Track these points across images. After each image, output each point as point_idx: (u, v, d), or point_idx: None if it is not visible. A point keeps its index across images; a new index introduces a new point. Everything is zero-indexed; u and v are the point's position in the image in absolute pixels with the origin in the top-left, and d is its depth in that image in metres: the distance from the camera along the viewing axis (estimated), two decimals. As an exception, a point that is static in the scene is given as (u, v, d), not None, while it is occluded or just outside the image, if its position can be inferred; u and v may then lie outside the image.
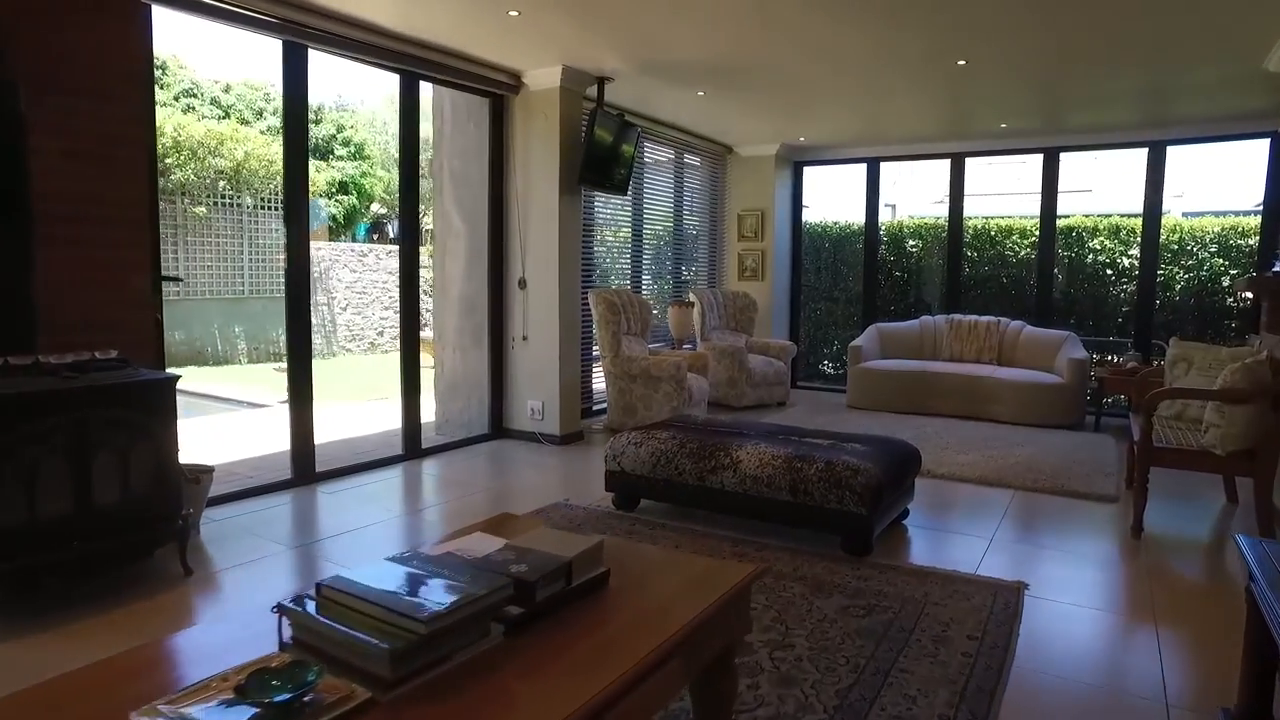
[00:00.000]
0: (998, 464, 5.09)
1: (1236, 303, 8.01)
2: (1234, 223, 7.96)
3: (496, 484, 4.74)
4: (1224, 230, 7.96)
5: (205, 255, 11.53)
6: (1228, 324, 8.02)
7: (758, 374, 7.24)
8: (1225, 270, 7.98)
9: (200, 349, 11.72)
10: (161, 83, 15.81)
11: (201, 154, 11.18)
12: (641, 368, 5.83)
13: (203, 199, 11.35)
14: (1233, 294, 7.96)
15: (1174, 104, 6.24)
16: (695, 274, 8.34)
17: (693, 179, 8.09)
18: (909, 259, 9.38)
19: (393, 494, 4.56)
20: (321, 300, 13.38)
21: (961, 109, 6.50)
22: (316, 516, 4.12)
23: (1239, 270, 7.92)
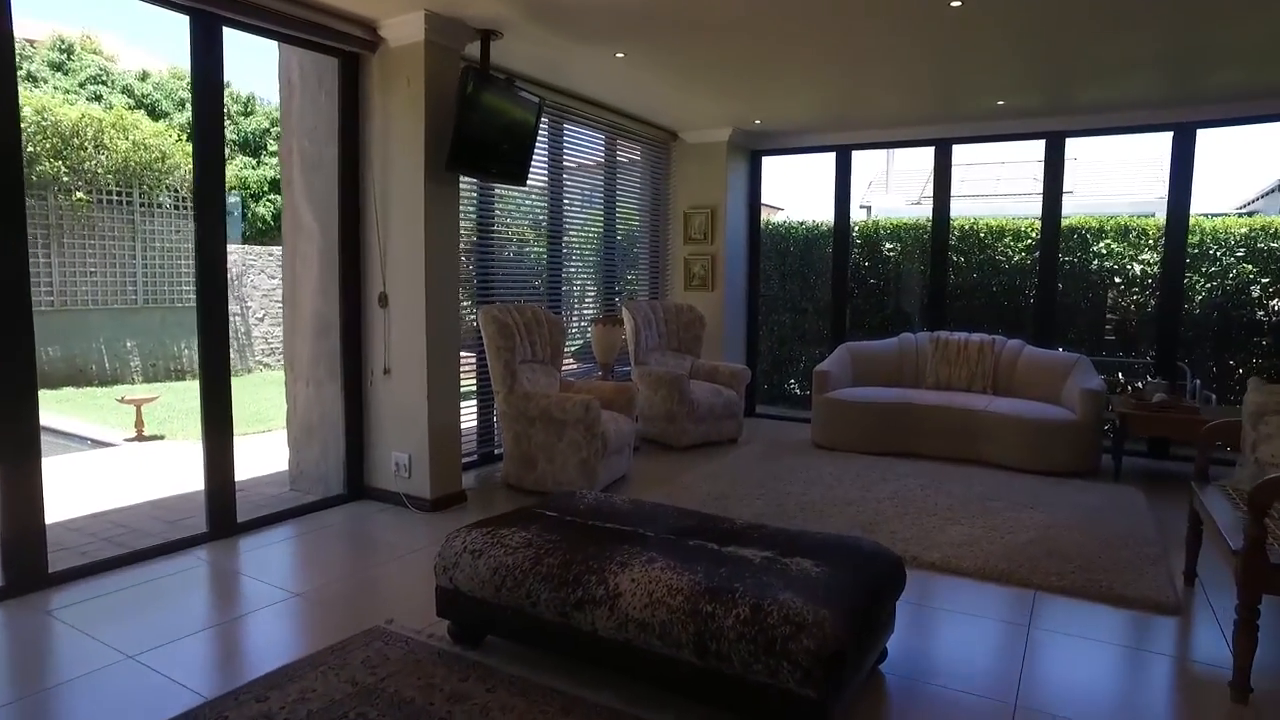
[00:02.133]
0: (1005, 542, 3.80)
1: (1269, 316, 6.83)
2: (1265, 222, 6.78)
3: (313, 584, 3.37)
4: (1252, 231, 6.78)
5: (89, 259, 10.06)
6: (1257, 341, 6.84)
7: (703, 406, 5.93)
8: (1254, 278, 6.79)
9: (82, 367, 10.23)
10: (65, 67, 14.30)
11: (77, 143, 9.70)
12: (540, 407, 4.49)
13: (84, 194, 9.86)
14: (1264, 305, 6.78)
15: (1209, 74, 5.00)
16: (635, 284, 7.02)
17: (629, 171, 6.77)
18: (885, 264, 8.14)
19: (113, 619, 3.11)
20: (235, 310, 11.93)
21: (950, 82, 5.23)
22: None
23: (1271, 278, 6.74)
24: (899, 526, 4.03)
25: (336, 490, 4.56)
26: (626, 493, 4.69)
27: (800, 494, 4.62)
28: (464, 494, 4.52)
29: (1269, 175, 11.91)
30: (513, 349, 4.59)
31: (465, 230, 5.13)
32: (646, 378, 5.99)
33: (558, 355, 5.17)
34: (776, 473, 5.13)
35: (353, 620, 2.95)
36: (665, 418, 5.90)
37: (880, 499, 4.54)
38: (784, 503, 4.43)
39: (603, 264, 6.50)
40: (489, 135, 4.29)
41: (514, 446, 4.64)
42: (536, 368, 4.99)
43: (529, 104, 4.59)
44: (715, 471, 5.14)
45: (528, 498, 4.52)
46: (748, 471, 5.16)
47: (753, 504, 4.40)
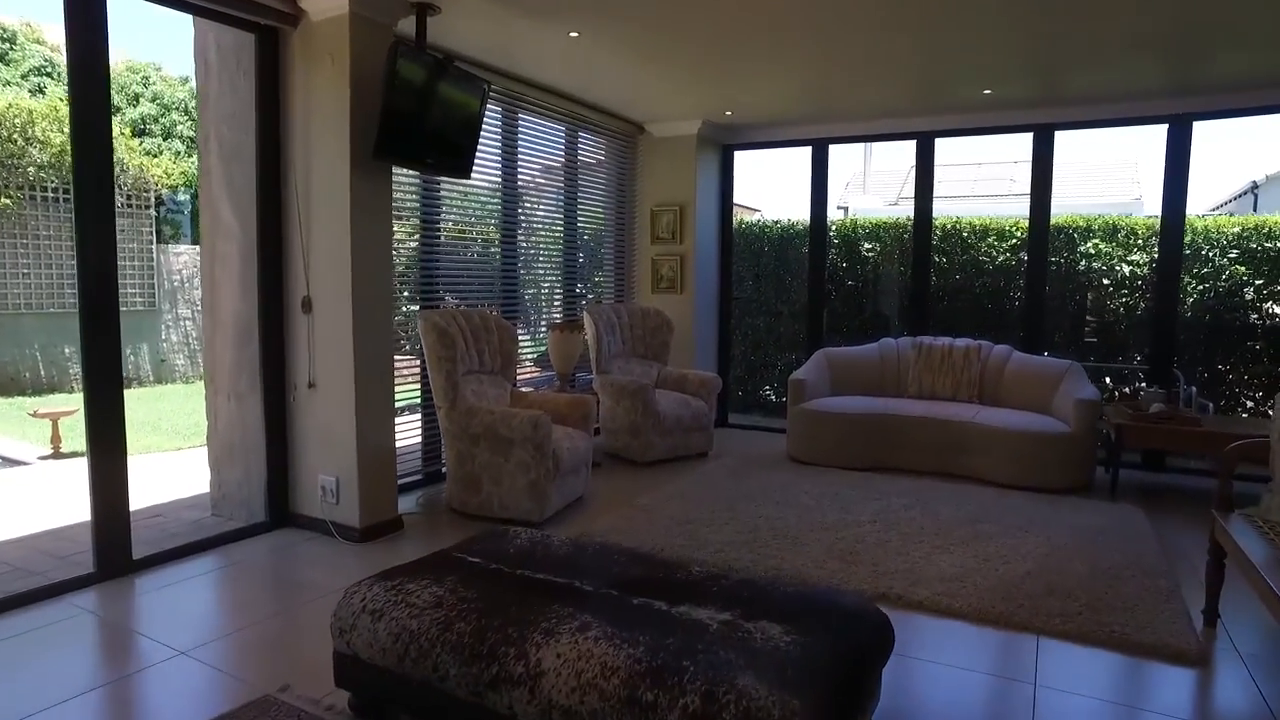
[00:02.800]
0: (1000, 575, 3.40)
1: (1262, 319, 6.52)
2: (1258, 221, 6.48)
3: (206, 637, 2.89)
4: (1245, 231, 6.48)
5: (19, 258, 9.44)
6: (1250, 345, 6.53)
7: (670, 418, 5.50)
8: (1248, 280, 6.49)
9: (14, 375, 9.61)
10: (7, 57, 13.61)
11: (4, 134, 9.08)
12: (484, 424, 4.04)
13: (9, 190, 9.24)
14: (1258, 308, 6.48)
15: (1208, 60, 4.66)
16: (600, 286, 6.58)
17: (592, 166, 6.33)
18: (863, 265, 7.76)
19: None
20: (185, 314, 11.35)
21: (934, 68, 4.84)
22: None
23: (1264, 280, 6.43)
24: (882, 556, 3.62)
25: (260, 517, 4.08)
26: (583, 517, 4.24)
27: (774, 517, 4.20)
28: (400, 521, 4.05)
29: (1241, 176, 11.68)
30: (455, 359, 4.13)
31: (408, 229, 4.67)
32: (609, 387, 5.55)
33: (509, 365, 4.72)
34: (749, 492, 4.71)
35: (243, 686, 2.48)
36: (629, 431, 5.46)
37: (861, 522, 4.13)
38: (757, 528, 4.01)
39: (564, 265, 6.05)
40: (424, 121, 3.83)
41: (457, 467, 4.18)
42: (484, 379, 4.53)
43: (471, 87, 4.13)
44: (682, 491, 4.71)
45: (471, 524, 4.06)
46: (718, 491, 4.73)
47: (722, 530, 3.97)
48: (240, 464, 4.25)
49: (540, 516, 4.03)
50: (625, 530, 3.94)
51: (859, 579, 3.34)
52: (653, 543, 3.74)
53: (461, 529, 4.01)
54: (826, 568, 3.46)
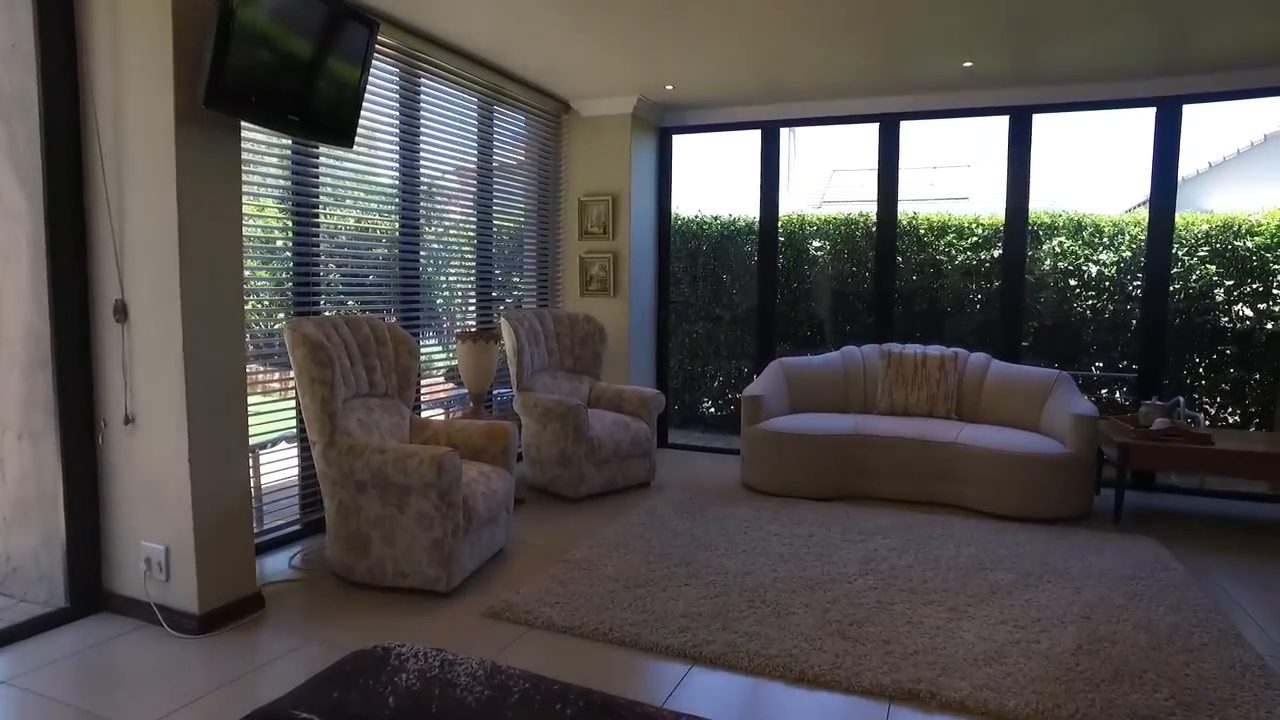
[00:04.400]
0: (1045, 652, 2.66)
1: (1234, 322, 6.12)
2: (1227, 219, 6.07)
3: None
4: (1215, 229, 6.07)
5: None
6: (1221, 349, 6.12)
7: (606, 444, 4.63)
8: (1218, 280, 6.07)
9: None
10: None
11: None
12: (373, 466, 3.07)
13: None
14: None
15: (1198, 35, 4.12)
16: (519, 289, 5.65)
17: (511, 147, 5.41)
18: (813, 265, 7.09)
19: None
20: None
21: (905, 37, 4.13)
22: None
23: (1235, 281, 6.03)
24: (890, 629, 2.84)
25: (62, 599, 3.00)
26: (503, 582, 3.32)
27: (744, 573, 3.38)
28: (260, 598, 3.04)
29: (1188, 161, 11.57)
30: (333, 381, 3.15)
31: (276, 215, 3.65)
32: (533, 408, 4.64)
33: (407, 386, 3.76)
34: (706, 536, 3.88)
35: None
36: (558, 460, 4.57)
37: (850, 575, 3.36)
38: (726, 591, 3.17)
39: (478, 263, 5.10)
40: (281, 58, 2.84)
41: (339, 521, 3.20)
42: (375, 405, 3.56)
43: (353, 25, 3.16)
44: (625, 538, 3.84)
45: (359, 598, 3.09)
46: (668, 536, 3.88)
47: (682, 595, 3.12)
48: (38, 527, 3.15)
49: (448, 585, 3.09)
50: (559, 601, 3.05)
51: (873, 668, 2.54)
52: (597, 621, 2.86)
53: (346, 605, 3.04)
54: (827, 650, 2.65)
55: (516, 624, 2.89)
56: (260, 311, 3.72)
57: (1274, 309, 5.99)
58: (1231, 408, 6.24)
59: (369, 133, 4.02)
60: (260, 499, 3.65)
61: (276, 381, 3.79)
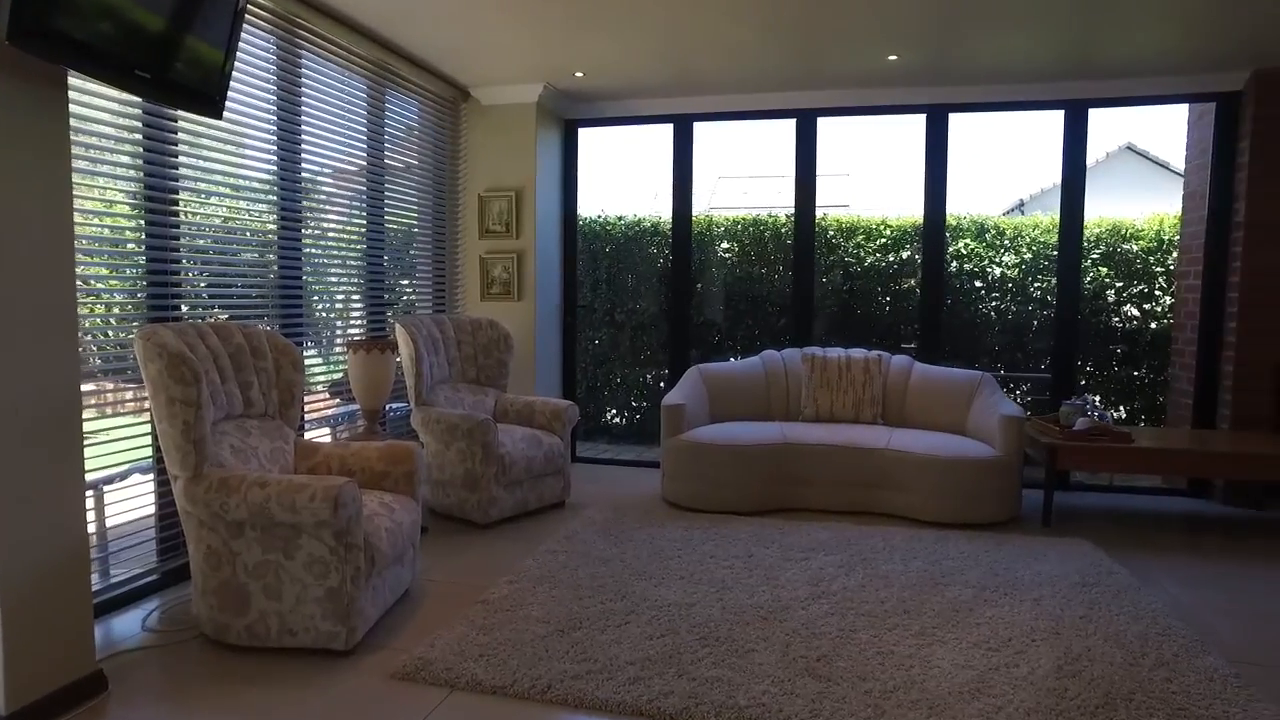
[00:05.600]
0: (1029, 679, 2.45)
1: (1124, 322, 6.33)
2: (1115, 223, 6.29)
3: None
4: (1107, 232, 6.27)
5: None
6: (1113, 349, 6.32)
7: (518, 462, 4.20)
8: (1109, 282, 6.28)
9: None
10: None
11: None
12: (253, 503, 2.53)
13: None
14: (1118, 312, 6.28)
15: (1101, 42, 4.17)
16: (413, 292, 5.12)
17: (403, 137, 4.88)
18: (721, 268, 6.89)
19: None
20: None
21: (831, 23, 3.93)
22: None
23: (1125, 283, 6.24)
24: (859, 661, 2.56)
25: None
26: (413, 634, 2.84)
27: (689, 605, 3.03)
28: (101, 678, 2.42)
29: (1037, 175, 12.23)
30: (198, 401, 2.59)
31: (127, 205, 3.03)
32: (435, 425, 4.14)
33: (291, 404, 3.20)
34: (639, 562, 3.52)
35: None
36: (465, 483, 4.09)
37: (802, 600, 3.08)
38: (674, 628, 2.81)
39: (367, 264, 4.55)
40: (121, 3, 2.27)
41: (208, 571, 2.63)
42: (252, 428, 3.00)
43: (217, -26, 2.61)
44: (548, 569, 3.42)
45: (237, 662, 2.54)
46: (596, 565, 3.49)
47: (625, 636, 2.74)
48: None
49: (348, 642, 2.59)
50: (483, 653, 2.60)
51: (855, 713, 2.24)
52: (532, 678, 2.44)
53: (219, 675, 2.48)
54: (801, 694, 2.34)
55: (434, 685, 2.42)
56: (107, 320, 3.08)
57: (1157, 310, 6.24)
58: (1120, 404, 6.46)
59: (239, 109, 3.43)
60: (105, 545, 3.01)
61: (132, 401, 3.15)
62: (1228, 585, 3.41)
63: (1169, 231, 6.05)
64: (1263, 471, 4.10)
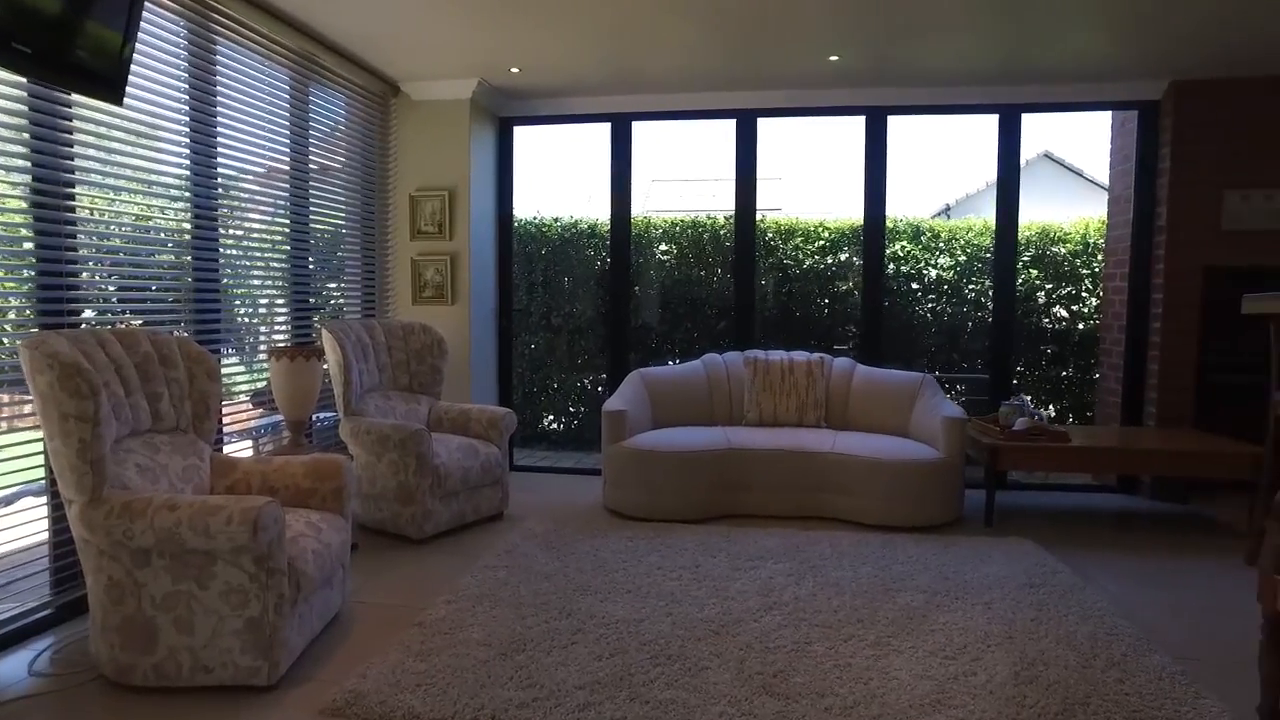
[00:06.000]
0: (988, 687, 2.40)
1: (1053, 323, 6.49)
2: (1044, 227, 6.45)
3: None
4: (1036, 235, 6.42)
5: None
6: (1043, 349, 6.48)
7: (454, 473, 4.01)
8: (1040, 283, 6.43)
9: None
10: None
11: None
12: (161, 529, 2.29)
13: None
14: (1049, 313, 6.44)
15: (1033, 48, 4.25)
16: (340, 295, 4.87)
17: (329, 133, 4.63)
18: (660, 270, 6.81)
19: None
20: None
21: (776, 21, 3.88)
22: None
23: (1054, 285, 6.41)
24: (816, 674, 2.48)
25: None
26: (343, 664, 2.63)
27: (634, 619, 2.91)
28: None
29: (962, 180, 12.57)
30: (96, 417, 2.34)
31: (19, 199, 2.74)
32: (365, 436, 3.92)
33: (206, 416, 2.96)
34: (581, 577, 3.38)
35: None
36: (398, 496, 3.88)
37: (754, 612, 2.99)
38: (623, 647, 2.68)
39: (291, 267, 4.29)
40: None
41: (109, 606, 2.38)
42: (161, 444, 2.75)
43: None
44: (488, 587, 3.25)
45: (143, 705, 2.30)
46: (538, 581, 3.33)
47: (572, 658, 2.60)
48: None
49: (271, 676, 2.38)
50: (421, 682, 2.42)
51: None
52: (474, 708, 2.27)
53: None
54: (760, 715, 2.24)
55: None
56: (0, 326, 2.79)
57: (1084, 311, 6.42)
58: (1050, 403, 6.62)
59: (148, 99, 3.16)
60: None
61: (29, 415, 2.86)
62: (1162, 580, 3.47)
63: (1094, 235, 6.24)
64: (1188, 467, 4.22)
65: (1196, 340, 4.83)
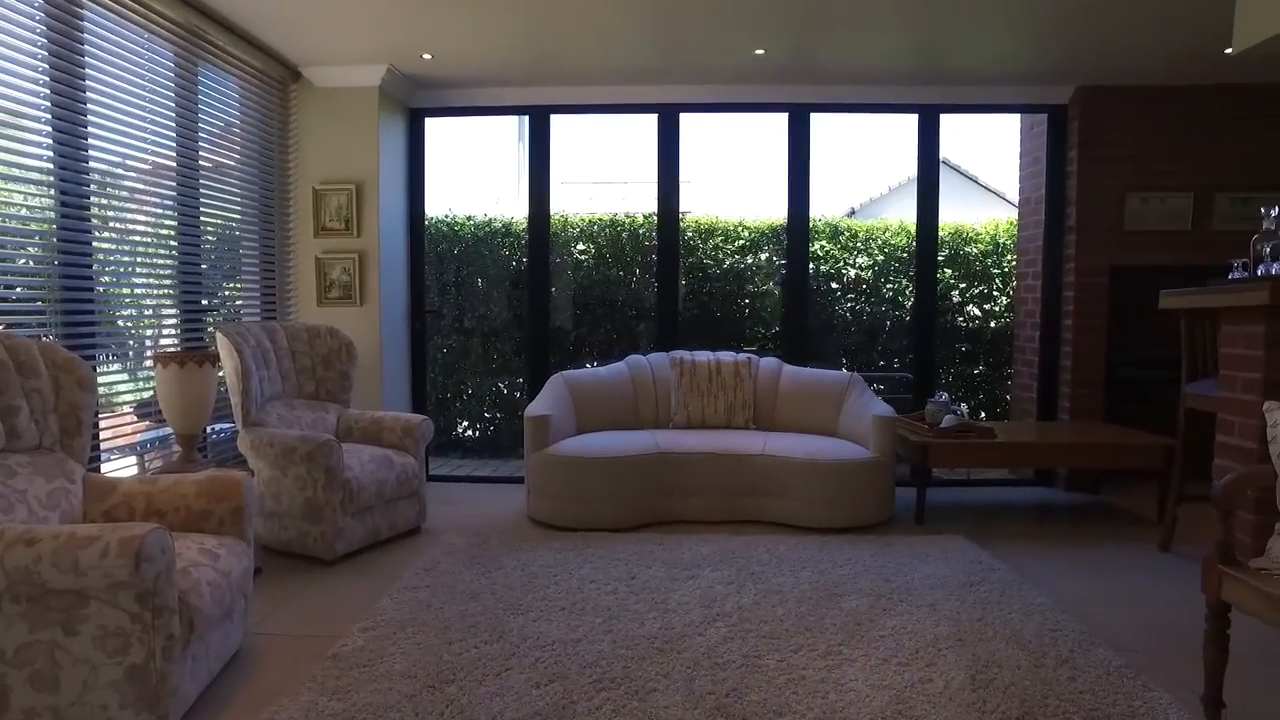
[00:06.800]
0: (946, 694, 2.32)
1: (967, 321, 6.64)
2: (957, 228, 6.58)
3: None
4: (950, 235, 6.54)
5: None
6: (958, 347, 6.62)
7: (367, 487, 3.71)
8: (954, 283, 6.55)
9: None
10: None
11: None
12: (14, 565, 1.95)
13: None
14: (963, 312, 6.57)
15: (949, 51, 4.30)
16: (238, 296, 4.46)
17: (221, 120, 4.23)
18: (578, 270, 6.61)
19: None
20: None
21: (700, 12, 3.76)
22: None
23: (968, 284, 6.55)
24: (773, 690, 2.34)
25: None
26: (245, 700, 2.33)
27: (571, 639, 2.71)
28: None
29: (871, 182, 12.86)
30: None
31: None
32: (267, 449, 3.58)
33: (77, 432, 2.59)
34: (511, 595, 3.15)
35: None
36: (305, 514, 3.56)
37: (697, 625, 2.83)
38: (559, 669, 2.48)
39: (180, 266, 3.89)
40: None
41: (-44, 656, 2.01)
42: (19, 466, 2.38)
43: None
44: (409, 610, 2.99)
45: (-7, 778, 1.95)
46: (464, 601, 3.09)
47: (504, 684, 2.38)
48: None
49: (158, 730, 2.06)
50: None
51: (776, 753, 2.01)
52: (401, 748, 2.03)
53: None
54: (716, 739, 2.08)
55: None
56: None
57: (995, 309, 6.59)
58: (964, 400, 6.77)
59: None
60: None
61: None
62: (1089, 571, 3.52)
63: (1004, 236, 6.40)
64: (1106, 459, 4.32)
65: (1105, 337, 4.99)
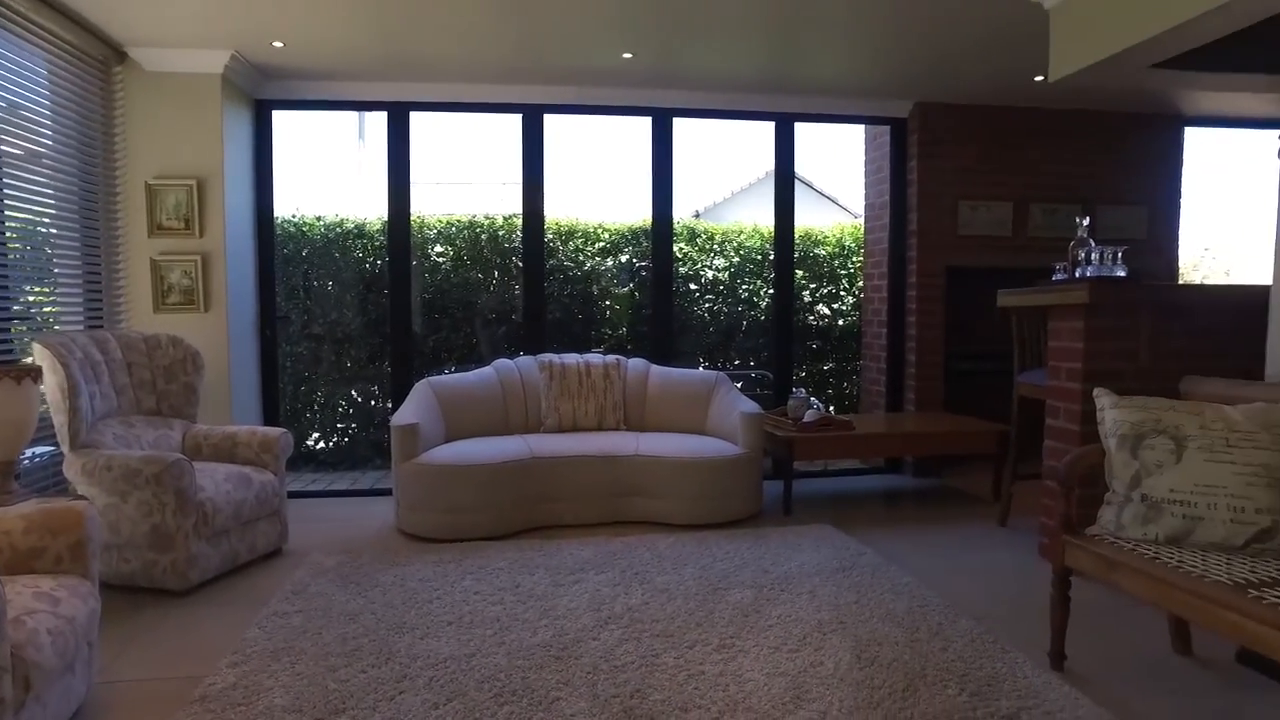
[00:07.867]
0: (837, 675, 2.44)
1: (817, 320, 7.00)
2: (807, 230, 6.94)
3: None
4: (800, 238, 6.88)
5: None
6: (810, 344, 6.97)
7: (224, 508, 3.43)
8: (805, 284, 6.90)
9: None
10: None
11: None
12: None
13: None
14: (813, 311, 6.93)
15: (799, 62, 4.56)
16: (52, 303, 3.99)
17: (24, 101, 3.75)
18: (436, 274, 6.41)
19: None
20: None
21: (566, 13, 3.75)
22: None
23: (818, 284, 6.91)
24: (674, 688, 2.38)
25: None
26: (102, 756, 2.09)
27: (464, 654, 2.63)
28: None
29: (714, 187, 13.29)
30: None
31: None
32: (104, 473, 3.22)
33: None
34: (393, 613, 3.01)
35: None
36: (152, 543, 3.23)
37: (589, 628, 2.83)
38: (457, 688, 2.40)
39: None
40: None
41: None
42: None
43: None
44: (283, 638, 2.79)
45: None
46: (343, 623, 2.92)
47: (400, 708, 2.27)
48: None
49: (0, 798, 1.81)
50: (218, 768, 1.98)
51: (687, 750, 2.04)
52: (295, 787, 1.89)
53: None
54: (626, 742, 2.08)
55: (151, 833, 1.78)
56: None
57: (843, 309, 7.00)
58: (815, 395, 7.15)
59: None
60: None
61: None
62: (942, 548, 3.83)
63: (849, 239, 6.81)
64: (950, 446, 4.69)
65: (943, 333, 5.43)
